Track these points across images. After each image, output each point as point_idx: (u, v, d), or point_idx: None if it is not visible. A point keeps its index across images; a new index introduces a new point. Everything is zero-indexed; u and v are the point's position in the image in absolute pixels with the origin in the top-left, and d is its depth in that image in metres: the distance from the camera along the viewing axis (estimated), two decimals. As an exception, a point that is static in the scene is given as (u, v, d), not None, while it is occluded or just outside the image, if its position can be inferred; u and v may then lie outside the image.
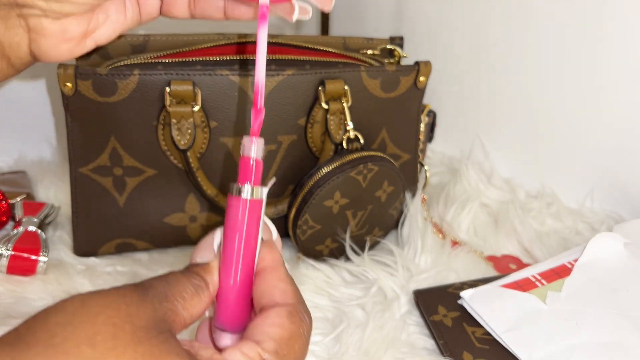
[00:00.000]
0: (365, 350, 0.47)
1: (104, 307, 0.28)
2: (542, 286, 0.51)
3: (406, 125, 0.63)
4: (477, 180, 0.73)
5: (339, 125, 0.57)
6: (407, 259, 0.58)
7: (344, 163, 0.55)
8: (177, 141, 0.53)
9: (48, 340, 0.26)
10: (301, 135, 0.57)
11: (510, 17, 0.72)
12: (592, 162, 0.68)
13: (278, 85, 0.54)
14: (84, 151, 0.54)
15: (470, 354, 0.46)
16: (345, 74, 0.56)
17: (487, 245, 0.63)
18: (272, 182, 0.36)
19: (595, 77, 0.66)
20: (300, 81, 0.55)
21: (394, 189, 0.59)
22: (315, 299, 0.53)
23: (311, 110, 0.56)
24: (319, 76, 0.55)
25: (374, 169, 0.56)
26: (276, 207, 0.58)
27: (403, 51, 0.64)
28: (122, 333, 0.27)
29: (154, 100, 0.52)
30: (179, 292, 0.31)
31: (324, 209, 0.56)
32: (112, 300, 0.29)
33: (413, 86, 0.60)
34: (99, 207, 0.56)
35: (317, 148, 0.58)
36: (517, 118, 0.74)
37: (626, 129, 0.65)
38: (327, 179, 0.54)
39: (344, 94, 0.56)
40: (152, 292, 0.30)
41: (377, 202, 0.58)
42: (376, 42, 0.64)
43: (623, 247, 0.54)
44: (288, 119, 0.56)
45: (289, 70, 0.54)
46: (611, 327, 0.46)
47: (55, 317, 0.27)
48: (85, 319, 0.27)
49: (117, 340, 0.26)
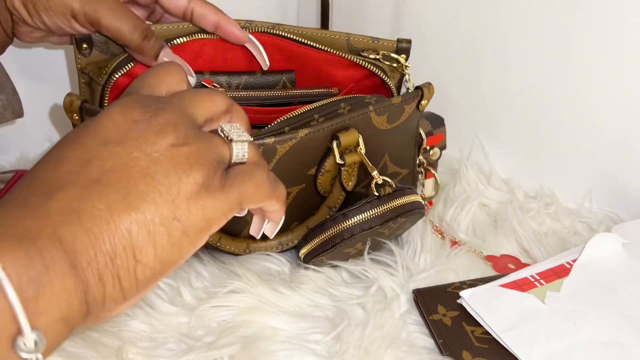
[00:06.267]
0: (365, 349, 0.47)
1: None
2: (541, 286, 0.51)
3: (405, 145, 0.61)
4: (477, 181, 0.73)
5: (352, 174, 0.55)
6: (406, 258, 0.58)
7: (374, 218, 0.51)
8: None
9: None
10: (310, 183, 0.55)
11: (510, 17, 0.72)
12: (590, 163, 0.69)
13: (291, 148, 0.51)
14: None
15: (469, 353, 0.47)
16: (356, 119, 0.53)
17: (487, 245, 0.64)
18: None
19: (594, 78, 0.66)
20: (313, 139, 0.52)
21: (412, 223, 0.58)
22: (316, 298, 0.53)
23: (322, 162, 0.54)
24: (331, 129, 0.52)
25: (403, 220, 0.54)
26: (280, 240, 0.57)
27: (409, 54, 0.61)
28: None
29: None
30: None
31: (342, 254, 0.55)
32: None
33: (415, 110, 0.58)
34: None
35: (325, 191, 0.57)
36: (517, 119, 0.74)
37: (625, 130, 0.65)
38: (352, 232, 0.51)
39: (357, 143, 0.53)
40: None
41: (393, 237, 0.58)
42: (382, 43, 0.61)
43: (622, 247, 0.54)
44: (298, 173, 0.54)
45: (302, 131, 0.51)
46: (610, 327, 0.47)
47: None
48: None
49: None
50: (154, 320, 0.50)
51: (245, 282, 0.53)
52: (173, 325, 0.50)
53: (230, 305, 0.51)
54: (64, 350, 0.45)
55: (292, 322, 0.50)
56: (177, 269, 0.55)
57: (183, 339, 0.49)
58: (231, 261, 0.57)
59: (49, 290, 0.25)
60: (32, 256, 0.25)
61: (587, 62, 0.66)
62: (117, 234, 0.28)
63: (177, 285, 0.53)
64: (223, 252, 0.56)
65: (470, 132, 0.79)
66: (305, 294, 0.53)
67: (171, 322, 0.50)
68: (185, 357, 0.46)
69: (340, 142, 0.52)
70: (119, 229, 0.28)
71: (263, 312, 0.51)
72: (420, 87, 0.57)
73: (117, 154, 0.29)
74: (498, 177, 0.74)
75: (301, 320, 0.51)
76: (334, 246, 0.52)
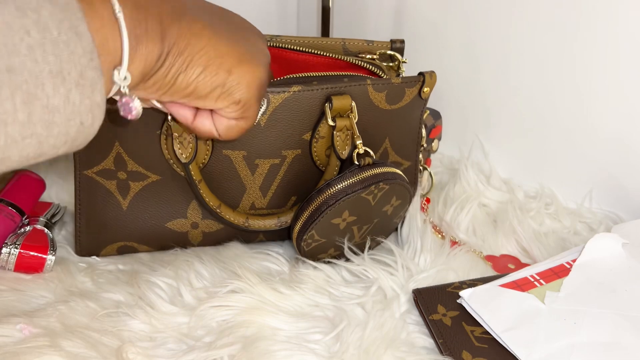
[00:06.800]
0: (365, 349, 0.47)
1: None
2: (541, 286, 0.51)
3: (408, 134, 0.62)
4: (477, 181, 0.73)
5: (345, 141, 0.56)
6: (406, 258, 0.58)
7: (356, 182, 0.53)
8: (179, 154, 0.53)
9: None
10: (306, 149, 0.57)
11: (510, 17, 0.72)
12: (590, 163, 0.69)
13: (284, 102, 0.54)
14: (89, 154, 0.55)
15: (469, 353, 0.47)
16: (352, 88, 0.55)
17: (486, 245, 0.64)
18: None
19: (594, 79, 0.66)
20: (306, 97, 0.54)
21: (402, 202, 0.58)
22: (316, 298, 0.54)
23: (317, 126, 0.56)
24: (325, 92, 0.54)
25: (385, 188, 0.55)
26: (279, 218, 0.58)
27: (404, 54, 0.63)
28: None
29: (157, 110, 0.53)
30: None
31: (330, 226, 0.55)
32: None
33: (417, 97, 0.59)
34: (102, 209, 0.57)
35: (321, 162, 0.58)
36: (516, 119, 0.74)
37: (625, 131, 0.65)
38: (337, 198, 0.53)
39: (350, 110, 0.55)
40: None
41: (383, 216, 0.58)
42: (376, 44, 0.63)
43: (621, 247, 0.54)
44: (293, 135, 0.55)
45: (295, 87, 0.53)
46: (610, 327, 0.47)
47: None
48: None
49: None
50: (154, 320, 0.50)
51: (245, 282, 0.53)
52: (173, 325, 0.50)
53: (230, 305, 0.51)
54: (64, 350, 0.45)
55: (292, 322, 0.51)
56: (178, 269, 0.55)
57: (183, 339, 0.49)
58: (231, 261, 0.57)
59: (144, 47, 0.35)
60: (141, 19, 0.34)
61: (588, 63, 0.66)
62: (202, 48, 0.39)
63: (177, 285, 0.54)
64: (222, 220, 0.57)
65: (470, 132, 0.79)
66: (305, 294, 0.54)
67: (171, 322, 0.50)
68: (185, 357, 0.46)
69: (332, 104, 0.54)
70: (206, 46, 0.39)
71: (263, 312, 0.51)
72: (423, 73, 0.58)
73: (241, 24, 0.45)
74: (498, 177, 0.74)
75: (301, 320, 0.51)
76: (320, 215, 0.53)
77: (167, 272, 0.55)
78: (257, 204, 0.58)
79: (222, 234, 0.60)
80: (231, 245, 0.60)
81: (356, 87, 0.55)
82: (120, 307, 0.51)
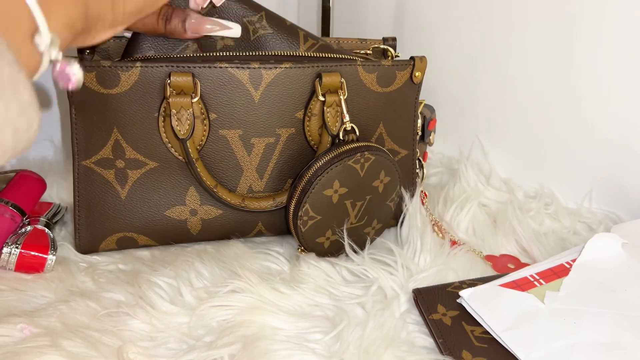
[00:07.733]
0: (365, 349, 0.47)
1: None
2: (541, 286, 0.51)
3: (403, 121, 0.64)
4: (476, 181, 0.73)
5: (336, 118, 0.58)
6: (406, 258, 0.58)
7: (342, 152, 0.56)
8: (177, 131, 0.54)
9: None
10: (299, 128, 0.59)
11: (510, 18, 0.72)
12: (590, 163, 0.69)
13: (275, 78, 0.56)
14: (88, 143, 0.55)
15: (469, 353, 0.47)
16: (342, 67, 0.58)
17: (486, 245, 0.64)
18: None
19: (594, 79, 0.66)
20: (297, 74, 0.57)
21: (391, 179, 0.60)
22: (316, 298, 0.54)
23: (309, 103, 0.58)
24: (315, 69, 0.57)
25: (371, 158, 0.57)
26: (275, 199, 0.59)
27: (396, 51, 0.66)
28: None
29: (155, 92, 0.54)
30: None
31: (323, 198, 0.57)
32: None
33: (409, 81, 0.61)
34: (101, 200, 0.57)
35: (315, 141, 0.60)
36: (516, 119, 0.74)
37: (624, 131, 0.65)
38: (325, 167, 0.55)
39: (340, 87, 0.57)
40: None
41: (375, 193, 0.59)
42: (369, 42, 0.66)
43: (621, 247, 0.54)
44: (286, 112, 0.57)
45: (286, 64, 0.56)
46: (609, 326, 0.47)
47: None
48: None
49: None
50: (155, 319, 0.50)
51: (246, 282, 0.53)
52: (173, 324, 0.50)
53: (231, 305, 0.51)
54: (64, 349, 0.45)
55: (292, 322, 0.51)
56: (178, 269, 0.55)
57: (183, 339, 0.49)
58: (231, 261, 0.57)
59: None
60: None
61: (588, 63, 0.66)
62: None
63: (177, 285, 0.54)
64: (219, 202, 0.58)
65: (470, 132, 0.79)
66: (305, 294, 0.54)
67: (172, 321, 0.50)
68: (186, 357, 0.46)
69: (322, 80, 0.56)
70: None
71: (263, 312, 0.51)
72: (413, 57, 0.61)
73: None
74: (498, 177, 0.75)
75: (301, 319, 0.51)
76: (312, 186, 0.56)
77: (168, 271, 0.55)
78: (255, 187, 0.59)
79: (220, 222, 0.60)
80: (231, 245, 0.60)
81: (346, 67, 0.58)
82: (120, 306, 0.51)
